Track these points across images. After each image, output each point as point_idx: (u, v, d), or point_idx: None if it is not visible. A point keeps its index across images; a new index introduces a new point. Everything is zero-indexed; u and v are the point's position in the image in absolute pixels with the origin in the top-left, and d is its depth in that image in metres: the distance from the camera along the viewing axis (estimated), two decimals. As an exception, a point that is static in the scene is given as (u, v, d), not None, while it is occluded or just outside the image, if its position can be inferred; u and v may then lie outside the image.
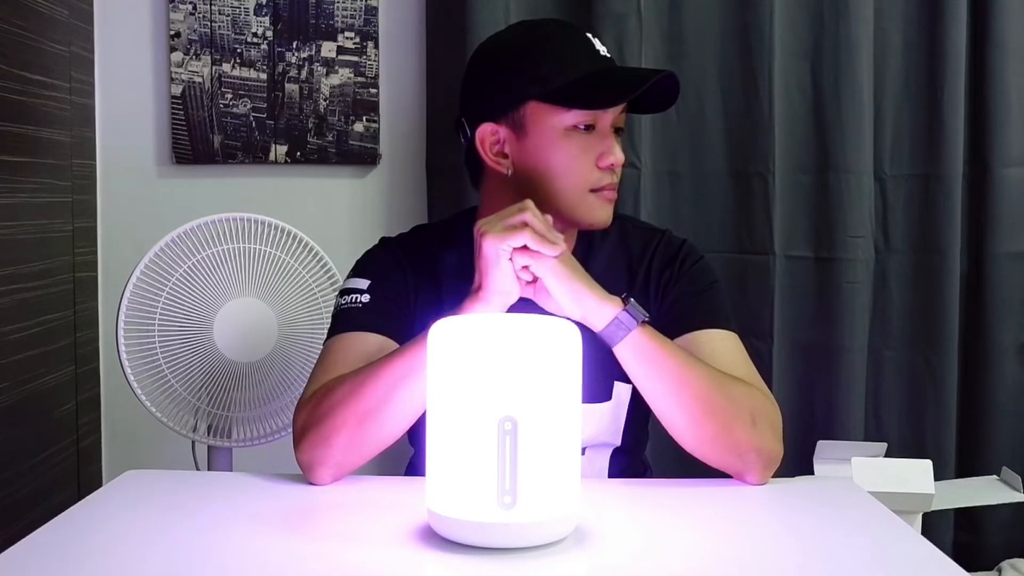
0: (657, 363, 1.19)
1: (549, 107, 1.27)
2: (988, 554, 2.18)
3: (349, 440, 1.18)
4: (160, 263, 1.80)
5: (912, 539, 1.05)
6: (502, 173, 1.31)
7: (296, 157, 2.26)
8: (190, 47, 2.24)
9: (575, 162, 1.28)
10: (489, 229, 1.15)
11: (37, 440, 2.01)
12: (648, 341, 1.18)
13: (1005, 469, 1.94)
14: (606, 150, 1.28)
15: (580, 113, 1.27)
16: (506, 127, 1.30)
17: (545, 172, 1.28)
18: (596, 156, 1.28)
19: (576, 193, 1.28)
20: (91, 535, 1.04)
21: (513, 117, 1.29)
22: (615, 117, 1.30)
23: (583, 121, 1.27)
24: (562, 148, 1.27)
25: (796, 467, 1.79)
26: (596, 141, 1.28)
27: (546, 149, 1.28)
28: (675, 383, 1.19)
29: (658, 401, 1.21)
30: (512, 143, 1.30)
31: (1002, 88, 2.16)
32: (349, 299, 1.33)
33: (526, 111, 1.28)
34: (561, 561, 0.97)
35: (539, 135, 1.28)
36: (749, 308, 2.17)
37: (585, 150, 1.28)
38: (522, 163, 1.30)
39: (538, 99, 1.27)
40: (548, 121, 1.27)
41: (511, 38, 1.36)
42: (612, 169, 1.29)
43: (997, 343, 2.19)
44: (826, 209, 2.18)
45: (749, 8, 2.15)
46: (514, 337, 0.97)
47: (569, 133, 1.27)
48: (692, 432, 1.21)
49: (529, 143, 1.29)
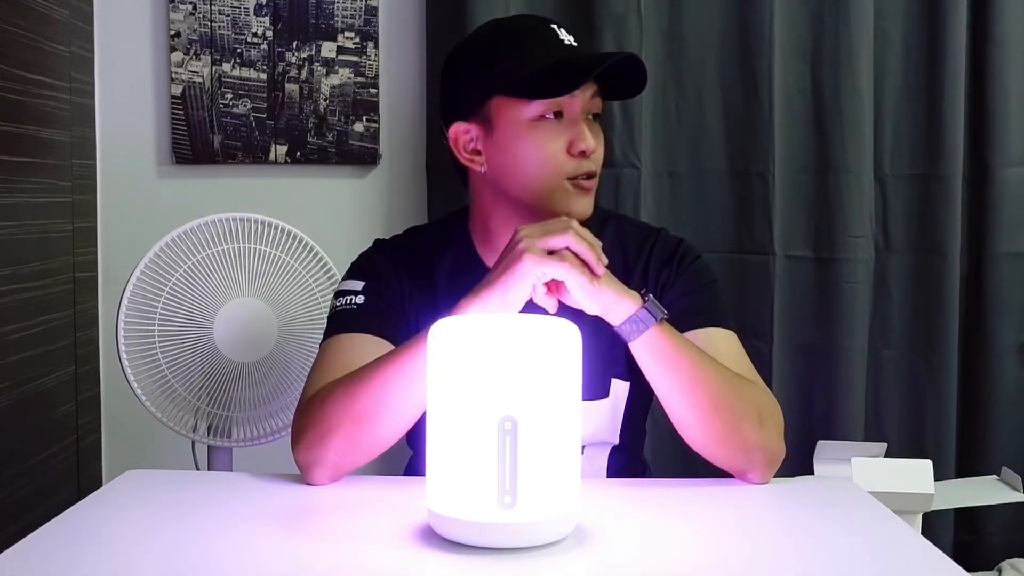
0: (672, 361, 1.19)
1: (512, 100, 1.27)
2: (988, 554, 2.18)
3: (345, 441, 1.18)
4: (160, 263, 1.80)
5: (912, 539, 1.05)
6: (478, 170, 1.31)
7: (296, 157, 2.26)
8: (190, 47, 2.24)
9: (545, 152, 1.26)
10: (530, 247, 1.13)
11: (37, 440, 2.01)
12: (664, 338, 1.18)
13: (1005, 469, 1.94)
14: (576, 137, 1.27)
15: (543, 103, 1.26)
16: (476, 124, 1.30)
17: (517, 165, 1.28)
18: (566, 144, 1.27)
19: (550, 184, 1.27)
20: (91, 535, 1.04)
21: (481, 114, 1.29)
22: (585, 103, 1.29)
23: (548, 110, 1.26)
24: (530, 139, 1.27)
25: (796, 467, 1.79)
26: (565, 129, 1.27)
27: (514, 142, 1.27)
28: (689, 381, 1.19)
29: (671, 398, 1.21)
30: (483, 140, 1.30)
31: (1002, 88, 2.16)
32: (344, 301, 1.33)
33: (491, 107, 1.28)
34: (561, 561, 0.97)
35: (506, 129, 1.28)
36: (749, 308, 2.17)
37: (554, 139, 1.27)
38: (494, 159, 1.30)
39: (501, 93, 1.27)
40: (513, 114, 1.27)
41: (477, 37, 1.36)
42: (585, 156, 1.28)
43: (997, 343, 2.19)
44: (826, 209, 2.18)
45: (749, 8, 2.15)
46: (514, 337, 0.97)
47: (535, 124, 1.27)
48: (702, 429, 1.21)
49: (498, 138, 1.29)
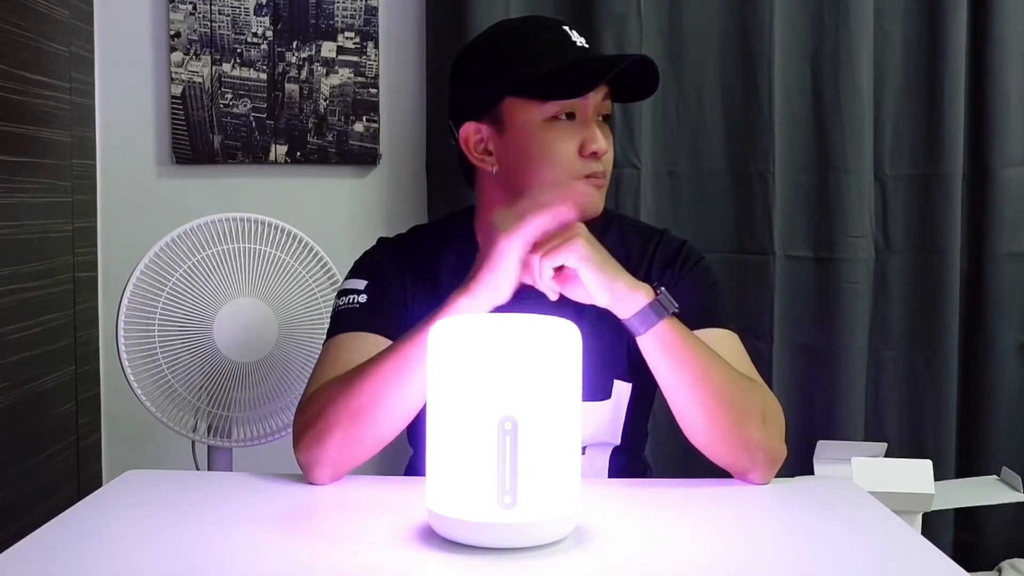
0: (680, 356, 1.19)
1: (525, 101, 1.27)
2: (988, 554, 2.18)
3: (344, 438, 1.18)
4: (160, 263, 1.80)
5: (912, 539, 1.05)
6: (488, 170, 1.31)
7: (296, 157, 2.26)
8: (190, 47, 2.24)
9: (556, 153, 1.27)
10: (501, 224, 1.14)
11: (37, 440, 2.01)
12: (673, 333, 1.17)
13: (1005, 469, 1.94)
14: (587, 138, 1.27)
15: (556, 104, 1.26)
16: (487, 125, 1.31)
17: (529, 166, 1.28)
18: (578, 145, 1.27)
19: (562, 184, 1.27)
20: (91, 535, 1.04)
21: (492, 114, 1.30)
22: (596, 105, 1.29)
23: (560, 111, 1.27)
24: (542, 140, 1.27)
25: (796, 467, 1.79)
26: (576, 130, 1.28)
27: (526, 143, 1.28)
28: (696, 376, 1.19)
29: (676, 393, 1.21)
30: (495, 140, 1.31)
31: (1002, 88, 2.16)
32: (347, 300, 1.33)
33: (503, 107, 1.29)
34: (561, 561, 0.97)
35: (518, 129, 1.28)
36: (749, 308, 2.17)
37: (565, 140, 1.27)
38: (506, 159, 1.30)
39: (513, 94, 1.28)
40: (525, 115, 1.28)
41: (487, 37, 1.36)
42: (596, 157, 1.28)
43: (997, 343, 2.19)
44: (826, 209, 2.18)
45: (749, 8, 2.15)
46: (514, 337, 0.97)
47: (547, 125, 1.27)
48: (706, 427, 1.21)
49: (510, 138, 1.29)
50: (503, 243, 1.14)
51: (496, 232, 1.14)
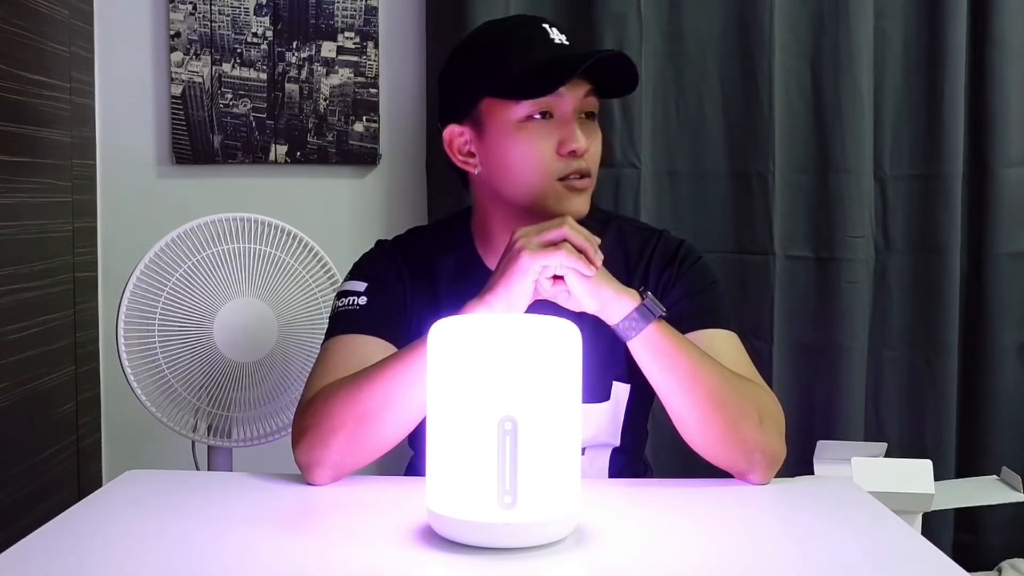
0: (671, 359, 1.19)
1: (501, 101, 1.27)
2: (988, 554, 2.18)
3: (347, 441, 1.18)
4: (160, 263, 1.80)
5: (912, 539, 1.05)
6: (472, 172, 1.31)
7: (296, 157, 2.26)
8: (190, 47, 2.24)
9: (534, 152, 1.26)
10: (526, 244, 1.14)
11: (37, 440, 2.01)
12: (662, 336, 1.18)
13: (1005, 469, 1.94)
14: (566, 137, 1.26)
15: (532, 103, 1.25)
16: (469, 127, 1.31)
17: (507, 167, 1.28)
18: (556, 144, 1.26)
19: (541, 184, 1.26)
20: (91, 535, 1.04)
21: (473, 116, 1.30)
22: (577, 102, 1.28)
23: (536, 110, 1.26)
24: (519, 140, 1.26)
25: (796, 467, 1.79)
26: (555, 129, 1.27)
27: (504, 143, 1.27)
28: (688, 379, 1.19)
29: (669, 397, 1.21)
30: (476, 142, 1.30)
31: (1002, 88, 2.16)
32: (346, 302, 1.33)
33: (482, 108, 1.28)
34: (561, 561, 0.97)
35: (496, 130, 1.28)
36: (749, 308, 2.17)
37: (543, 139, 1.26)
38: (486, 161, 1.30)
39: (490, 95, 1.27)
40: (503, 115, 1.27)
41: (469, 39, 1.36)
42: (575, 156, 1.27)
43: (997, 343, 2.19)
44: (826, 209, 2.18)
45: (749, 8, 2.15)
46: (514, 337, 0.97)
47: (524, 124, 1.26)
48: (701, 429, 1.21)
49: (489, 139, 1.29)
50: (525, 261, 1.13)
51: (518, 246, 1.14)
